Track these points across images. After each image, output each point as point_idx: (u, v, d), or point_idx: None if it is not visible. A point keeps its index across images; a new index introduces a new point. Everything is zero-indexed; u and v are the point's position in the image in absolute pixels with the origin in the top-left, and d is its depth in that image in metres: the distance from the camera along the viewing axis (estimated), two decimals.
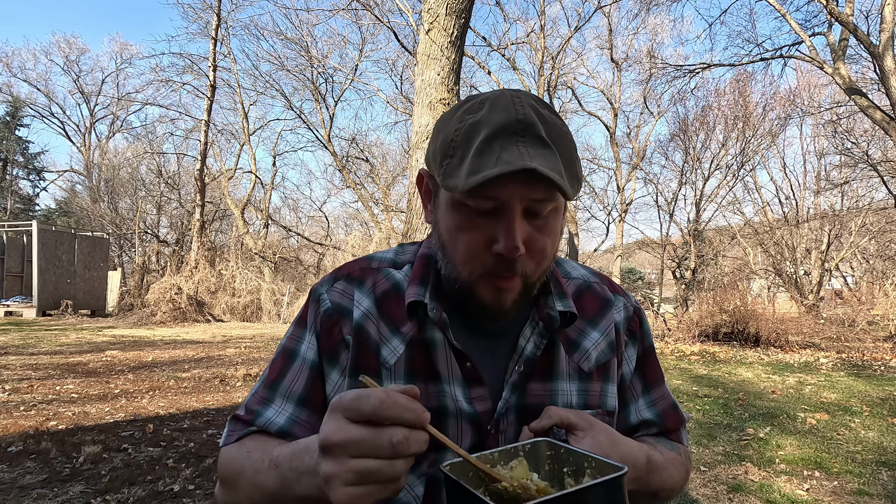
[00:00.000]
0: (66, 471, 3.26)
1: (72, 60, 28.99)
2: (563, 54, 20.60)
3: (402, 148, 24.89)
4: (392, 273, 0.78)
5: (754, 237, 17.88)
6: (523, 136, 0.61)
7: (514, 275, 0.66)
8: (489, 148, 0.60)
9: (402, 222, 5.57)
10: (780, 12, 11.57)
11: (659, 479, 0.71)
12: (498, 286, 0.67)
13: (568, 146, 0.63)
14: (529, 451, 0.61)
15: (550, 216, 0.66)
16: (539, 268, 0.68)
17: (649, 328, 0.85)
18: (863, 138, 16.37)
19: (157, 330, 12.33)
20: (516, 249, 0.63)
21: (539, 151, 0.60)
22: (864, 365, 7.77)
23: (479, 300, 0.68)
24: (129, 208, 24.93)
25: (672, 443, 0.81)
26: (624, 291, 0.85)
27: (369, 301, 0.75)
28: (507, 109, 0.62)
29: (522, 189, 0.61)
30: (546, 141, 0.61)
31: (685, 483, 0.79)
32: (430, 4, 4.53)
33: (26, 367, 6.70)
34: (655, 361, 0.84)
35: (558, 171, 0.59)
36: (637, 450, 0.68)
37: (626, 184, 22.09)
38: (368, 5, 15.18)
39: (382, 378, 0.72)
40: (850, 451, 3.87)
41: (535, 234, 0.65)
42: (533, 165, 0.57)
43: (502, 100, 0.64)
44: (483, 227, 0.64)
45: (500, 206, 0.63)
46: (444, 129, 0.67)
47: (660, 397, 0.83)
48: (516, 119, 0.61)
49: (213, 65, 17.03)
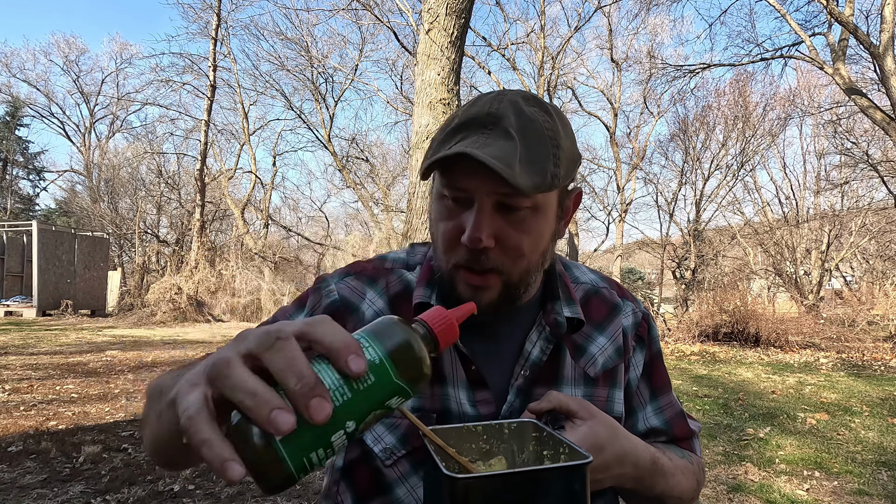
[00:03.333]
0: (66, 471, 3.26)
1: (71, 60, 28.94)
2: (563, 54, 20.59)
3: (402, 148, 24.90)
4: (404, 274, 0.78)
5: (754, 237, 17.87)
6: (491, 128, 0.61)
7: (486, 270, 0.65)
8: (454, 136, 0.62)
9: (402, 222, 5.57)
10: (780, 12, 11.56)
11: (665, 484, 0.69)
12: (472, 283, 0.67)
13: (540, 140, 0.62)
14: (515, 429, 0.60)
15: (529, 214, 0.65)
16: (516, 266, 0.67)
17: (657, 334, 0.85)
18: (863, 138, 16.37)
19: (157, 330, 12.33)
20: (479, 241, 0.62)
21: (498, 143, 0.60)
22: (864, 365, 7.77)
23: (457, 294, 0.68)
24: (129, 208, 24.92)
25: (683, 451, 0.80)
26: (633, 297, 0.85)
27: (383, 302, 0.75)
28: (485, 105, 0.64)
29: (489, 181, 0.61)
30: (510, 133, 0.61)
31: (695, 494, 0.76)
32: (430, 4, 4.53)
33: (26, 367, 6.70)
34: (663, 368, 0.83)
35: (506, 162, 0.58)
36: (642, 448, 0.66)
37: (626, 184, 22.09)
38: (368, 5, 15.18)
39: None
40: (850, 451, 3.87)
41: (509, 229, 0.65)
42: (468, 150, 0.57)
43: (488, 97, 0.66)
44: (457, 217, 0.66)
45: (469, 197, 0.64)
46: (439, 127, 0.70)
47: (667, 405, 0.82)
48: (488, 112, 0.63)
49: (213, 65, 17.03)
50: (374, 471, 0.69)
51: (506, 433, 0.60)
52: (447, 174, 0.65)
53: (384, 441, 0.69)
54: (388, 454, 0.68)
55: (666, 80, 16.40)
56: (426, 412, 0.70)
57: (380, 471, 0.69)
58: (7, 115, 26.87)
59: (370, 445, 0.69)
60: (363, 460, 0.70)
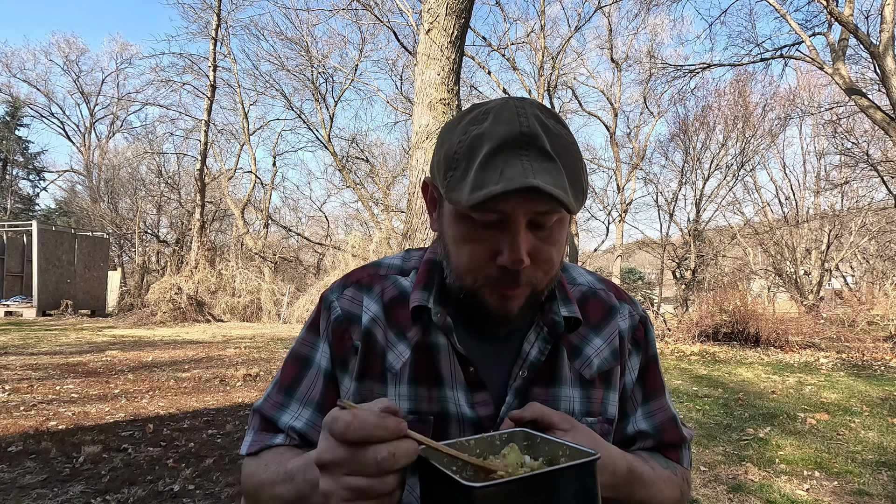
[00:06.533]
0: (66, 471, 3.26)
1: (72, 60, 28.98)
2: (563, 54, 20.61)
3: (402, 148, 24.91)
4: (399, 280, 0.78)
5: (754, 237, 17.87)
6: (527, 149, 0.60)
7: (520, 285, 0.66)
8: (493, 162, 0.60)
9: (402, 222, 5.58)
10: (780, 12, 11.57)
11: (644, 493, 0.70)
12: (504, 294, 0.67)
13: (573, 158, 0.63)
14: (506, 439, 0.60)
15: (556, 227, 0.66)
16: (547, 276, 0.68)
17: (654, 338, 0.84)
18: (863, 138, 16.37)
19: (157, 330, 12.33)
20: (521, 262, 0.63)
21: (542, 165, 0.59)
22: (864, 365, 7.77)
23: (485, 307, 0.68)
24: (129, 208, 24.96)
25: (668, 461, 0.79)
26: (632, 299, 0.84)
27: (377, 306, 0.76)
28: (511, 121, 0.61)
29: (526, 203, 0.61)
30: (550, 154, 0.60)
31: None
32: (430, 4, 4.53)
33: (26, 367, 6.70)
34: (657, 372, 0.83)
35: (562, 187, 0.59)
36: (618, 457, 0.66)
37: (626, 184, 22.10)
38: (368, 5, 15.19)
39: (388, 383, 0.72)
40: (850, 451, 3.87)
41: (541, 244, 0.65)
42: (536, 183, 0.57)
43: (506, 111, 0.63)
44: (487, 240, 0.64)
45: (504, 218, 0.62)
46: (448, 139, 0.66)
47: (658, 409, 0.81)
48: (520, 132, 0.60)
49: (213, 65, 17.03)
50: None
51: (497, 444, 0.60)
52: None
53: None
54: None
55: (666, 80, 16.43)
56: (424, 415, 0.70)
57: None
58: (7, 115, 26.88)
59: None
60: None
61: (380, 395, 0.72)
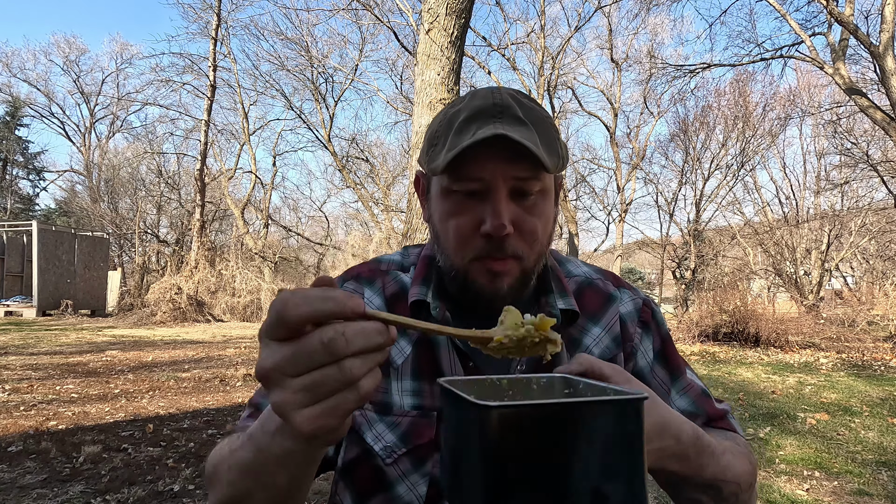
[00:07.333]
0: (66, 471, 3.26)
1: (72, 60, 28.97)
2: (563, 54, 20.59)
3: (402, 148, 24.91)
4: (399, 276, 0.79)
5: (754, 237, 17.87)
6: (500, 117, 0.63)
7: (506, 256, 0.66)
8: (467, 127, 0.63)
9: (402, 222, 5.58)
10: (780, 12, 11.57)
11: (716, 466, 0.60)
12: (492, 269, 0.67)
13: (547, 128, 0.65)
14: (544, 384, 0.54)
15: (539, 198, 0.67)
16: (532, 250, 0.68)
17: (663, 318, 0.83)
18: (863, 138, 16.37)
19: (157, 330, 12.33)
20: (503, 227, 0.63)
21: (515, 128, 0.62)
22: (864, 365, 7.77)
23: (475, 286, 0.68)
24: (129, 208, 24.93)
25: (725, 431, 0.74)
26: (631, 286, 0.84)
27: (380, 300, 0.76)
28: (486, 97, 0.66)
29: (504, 166, 0.63)
30: (523, 120, 0.64)
31: (753, 479, 0.67)
32: (430, 4, 4.53)
33: (26, 367, 6.70)
34: (675, 350, 0.81)
35: (533, 142, 0.61)
36: (682, 421, 0.57)
37: (626, 184, 22.09)
38: (368, 5, 15.19)
39: (390, 377, 0.72)
40: (850, 451, 3.87)
41: (524, 214, 0.66)
42: (503, 132, 0.59)
43: (482, 91, 0.68)
44: (471, 210, 0.66)
45: (485, 187, 0.65)
46: (431, 126, 0.71)
47: (688, 386, 0.78)
48: (493, 103, 0.64)
49: (213, 65, 17.03)
50: (375, 469, 0.69)
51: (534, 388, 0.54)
52: (457, 168, 0.65)
53: (385, 439, 0.69)
54: (389, 452, 0.69)
55: (666, 80, 16.44)
56: (426, 410, 0.70)
57: (380, 469, 0.69)
58: (7, 115, 26.87)
59: (370, 444, 0.69)
60: (363, 459, 0.70)
61: (383, 389, 0.72)
